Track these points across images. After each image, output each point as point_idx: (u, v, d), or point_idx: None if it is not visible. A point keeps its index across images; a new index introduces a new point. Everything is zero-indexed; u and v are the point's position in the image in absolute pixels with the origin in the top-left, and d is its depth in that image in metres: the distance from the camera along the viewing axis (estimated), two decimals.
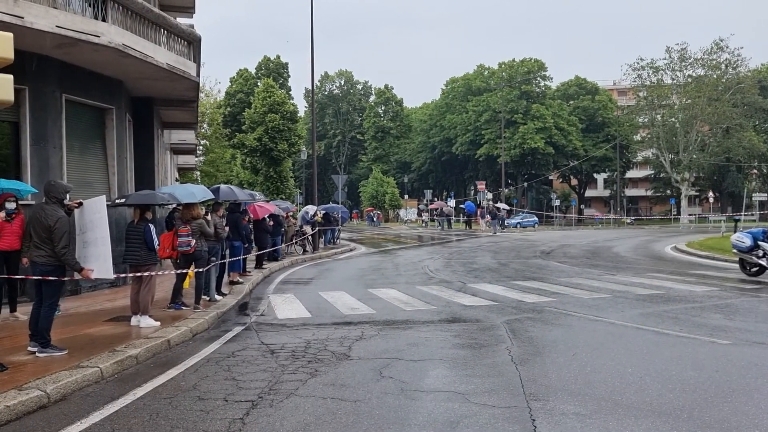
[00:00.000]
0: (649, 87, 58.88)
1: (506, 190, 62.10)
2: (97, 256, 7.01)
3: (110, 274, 7.14)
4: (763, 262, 12.96)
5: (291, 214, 22.86)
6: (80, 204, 7.16)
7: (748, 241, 13.16)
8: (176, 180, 34.20)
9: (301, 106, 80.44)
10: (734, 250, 13.78)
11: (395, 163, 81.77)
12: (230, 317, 9.63)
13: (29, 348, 6.76)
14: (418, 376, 5.94)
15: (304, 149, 47.14)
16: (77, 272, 6.84)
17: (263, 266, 16.28)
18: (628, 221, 59.98)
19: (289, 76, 63.81)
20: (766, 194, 46.28)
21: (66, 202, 6.93)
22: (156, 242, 8.64)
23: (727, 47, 56.48)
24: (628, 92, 70.84)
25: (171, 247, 9.47)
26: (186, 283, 9.55)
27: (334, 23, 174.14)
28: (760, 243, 13.01)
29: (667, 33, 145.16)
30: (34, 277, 6.71)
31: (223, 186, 13.11)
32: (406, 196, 73.69)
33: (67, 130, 11.67)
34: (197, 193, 11.41)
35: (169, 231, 10.13)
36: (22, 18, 9.29)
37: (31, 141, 10.87)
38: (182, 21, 18.43)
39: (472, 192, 71.66)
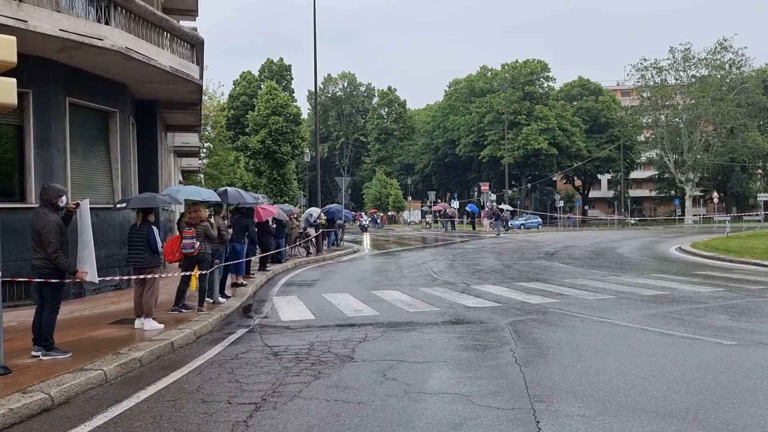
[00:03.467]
0: (653, 87, 58.77)
1: (510, 192, 62.02)
2: (90, 258, 6.98)
3: (95, 279, 6.96)
4: None
5: (295, 216, 22.89)
6: (77, 205, 7.15)
7: None
8: (180, 182, 34.25)
9: (305, 109, 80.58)
10: None
11: (398, 165, 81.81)
12: (234, 320, 9.63)
13: (33, 352, 6.76)
14: (422, 378, 5.92)
15: (308, 151, 47.16)
16: (71, 275, 6.82)
17: (267, 268, 16.29)
18: (633, 222, 59.81)
19: (292, 79, 63.96)
20: None
21: (64, 204, 6.89)
22: (159, 245, 8.64)
23: (731, 47, 56.46)
24: (631, 93, 70.69)
25: (179, 250, 9.49)
26: (193, 285, 9.56)
27: (335, 27, 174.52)
28: None
29: (670, 33, 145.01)
30: (35, 280, 6.71)
31: (230, 189, 13.11)
32: (410, 198, 73.74)
33: (71, 134, 11.69)
34: (203, 192, 11.50)
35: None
36: (26, 22, 9.32)
37: (35, 144, 10.89)
38: (185, 24, 18.50)
39: (476, 193, 71.63)
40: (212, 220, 10.39)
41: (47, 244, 6.55)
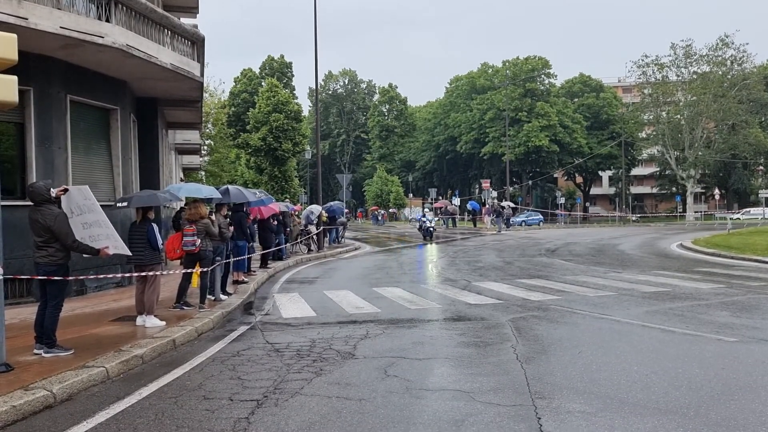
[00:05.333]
0: (654, 84, 58.54)
1: (511, 189, 61.96)
2: (108, 236, 7.11)
3: (127, 251, 7.45)
4: None
5: (295, 213, 22.91)
6: (66, 190, 7.19)
7: None
8: (181, 180, 34.25)
9: (305, 106, 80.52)
10: None
11: (399, 162, 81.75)
12: (235, 317, 9.64)
13: (35, 350, 6.77)
14: (423, 375, 5.93)
15: (309, 149, 47.07)
16: (94, 255, 6.90)
17: (268, 266, 16.30)
18: (634, 219, 59.74)
19: (293, 76, 63.75)
20: None
21: (54, 194, 6.92)
22: (160, 242, 8.65)
23: (733, 43, 56.11)
24: (632, 89, 70.42)
25: (180, 247, 9.51)
26: (194, 283, 9.58)
27: (335, 25, 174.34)
28: None
29: (672, 30, 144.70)
30: (39, 277, 6.72)
31: (231, 187, 13.09)
32: (411, 195, 73.72)
33: (72, 131, 11.70)
34: (204, 190, 11.49)
35: (177, 232, 10.15)
36: (27, 19, 9.31)
37: (36, 142, 10.89)
38: (186, 21, 18.45)
39: (477, 190, 71.59)
40: (213, 217, 10.39)
41: (64, 236, 6.59)
